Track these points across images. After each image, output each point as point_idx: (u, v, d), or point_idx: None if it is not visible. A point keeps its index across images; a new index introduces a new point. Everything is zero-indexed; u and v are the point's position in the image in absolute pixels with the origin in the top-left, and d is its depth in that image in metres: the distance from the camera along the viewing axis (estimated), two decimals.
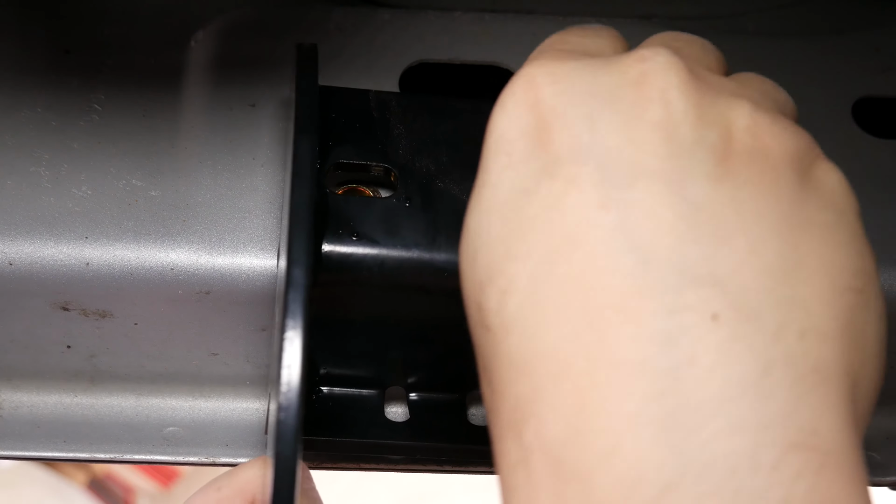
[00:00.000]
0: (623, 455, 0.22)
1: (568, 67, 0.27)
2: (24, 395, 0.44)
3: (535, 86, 0.27)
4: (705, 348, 0.23)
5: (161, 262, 0.40)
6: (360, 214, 0.37)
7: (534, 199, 0.25)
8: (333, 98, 0.40)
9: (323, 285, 0.37)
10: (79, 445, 0.43)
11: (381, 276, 0.37)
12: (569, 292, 0.24)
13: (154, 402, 0.44)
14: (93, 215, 0.41)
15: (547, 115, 0.26)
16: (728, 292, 0.23)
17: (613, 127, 0.25)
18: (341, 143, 0.39)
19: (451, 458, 0.43)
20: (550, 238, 0.25)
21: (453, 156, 0.39)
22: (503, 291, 0.25)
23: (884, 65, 0.49)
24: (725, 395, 0.22)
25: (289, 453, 0.29)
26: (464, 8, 0.49)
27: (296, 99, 0.36)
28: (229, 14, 0.47)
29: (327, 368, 0.41)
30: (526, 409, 0.24)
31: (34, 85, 0.44)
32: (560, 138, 0.26)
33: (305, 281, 0.31)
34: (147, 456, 0.43)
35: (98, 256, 0.40)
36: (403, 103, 0.40)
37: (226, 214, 0.41)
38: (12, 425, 0.43)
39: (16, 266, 0.40)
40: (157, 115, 0.44)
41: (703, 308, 0.23)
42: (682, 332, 0.23)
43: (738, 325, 0.23)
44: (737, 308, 0.23)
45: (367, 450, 0.41)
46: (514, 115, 0.27)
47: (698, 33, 0.50)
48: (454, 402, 0.42)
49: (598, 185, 0.25)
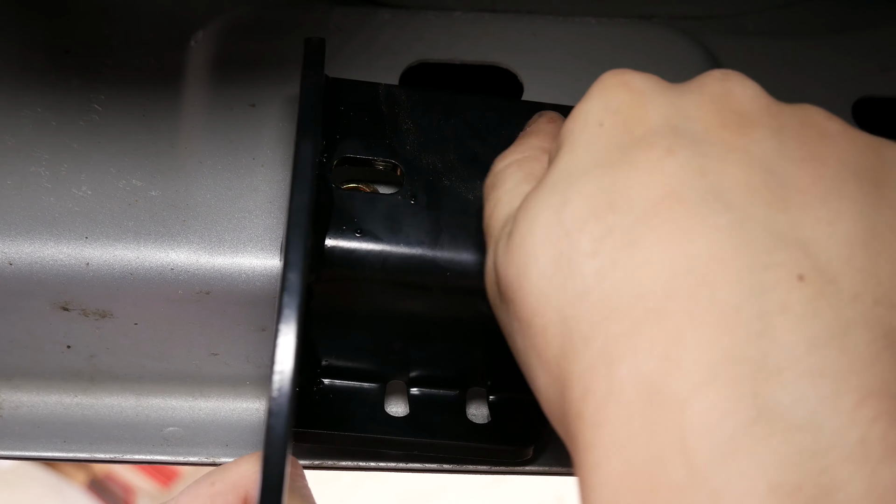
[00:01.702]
0: (717, 387, 0.24)
1: (648, 76, 0.30)
2: (24, 395, 0.44)
3: (625, 75, 0.29)
4: (795, 301, 0.25)
5: (161, 262, 0.40)
6: (365, 211, 0.37)
7: (633, 162, 0.27)
8: (342, 90, 0.40)
9: (326, 280, 0.37)
10: (79, 445, 0.43)
11: (383, 273, 0.37)
12: (670, 240, 0.26)
13: (154, 402, 0.44)
14: (93, 215, 0.41)
15: (639, 99, 0.29)
16: (811, 256, 0.26)
17: (703, 113, 0.28)
18: (349, 137, 0.39)
19: (449, 456, 0.43)
20: (652, 194, 0.27)
21: (461, 153, 0.39)
22: (601, 237, 0.27)
23: (884, 65, 0.49)
24: (811, 342, 0.24)
25: (277, 458, 0.29)
26: (464, 8, 0.49)
27: (301, 98, 0.36)
28: (229, 14, 0.47)
29: (329, 360, 0.41)
30: (621, 344, 0.25)
31: (34, 85, 0.44)
32: (654, 116, 0.28)
33: (301, 285, 0.31)
34: (147, 456, 0.43)
35: (98, 256, 0.40)
36: (413, 98, 0.40)
37: (226, 214, 0.41)
38: (12, 425, 0.43)
39: (16, 266, 0.40)
40: (157, 115, 0.44)
41: (792, 267, 0.25)
42: (774, 285, 0.25)
43: (821, 286, 0.25)
44: (820, 272, 0.25)
45: (366, 444, 0.41)
46: (607, 93, 0.29)
47: (698, 33, 0.50)
48: (454, 399, 0.42)
49: (695, 157, 0.27)
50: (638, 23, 0.49)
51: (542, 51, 0.47)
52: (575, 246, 0.27)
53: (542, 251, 0.28)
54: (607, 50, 0.48)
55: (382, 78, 0.46)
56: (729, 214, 0.26)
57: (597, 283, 0.26)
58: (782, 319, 0.25)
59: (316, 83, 0.36)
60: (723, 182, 0.27)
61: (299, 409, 0.40)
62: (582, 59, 0.47)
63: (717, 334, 0.25)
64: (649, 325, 0.25)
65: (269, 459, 0.29)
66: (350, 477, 1.24)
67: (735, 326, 0.25)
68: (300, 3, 0.48)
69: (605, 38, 0.48)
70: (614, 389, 0.25)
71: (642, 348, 0.25)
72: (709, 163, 0.27)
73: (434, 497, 1.28)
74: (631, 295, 0.26)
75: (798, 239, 0.26)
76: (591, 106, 0.29)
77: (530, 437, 0.42)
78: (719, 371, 0.24)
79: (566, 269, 0.27)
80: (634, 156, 0.27)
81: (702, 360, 0.24)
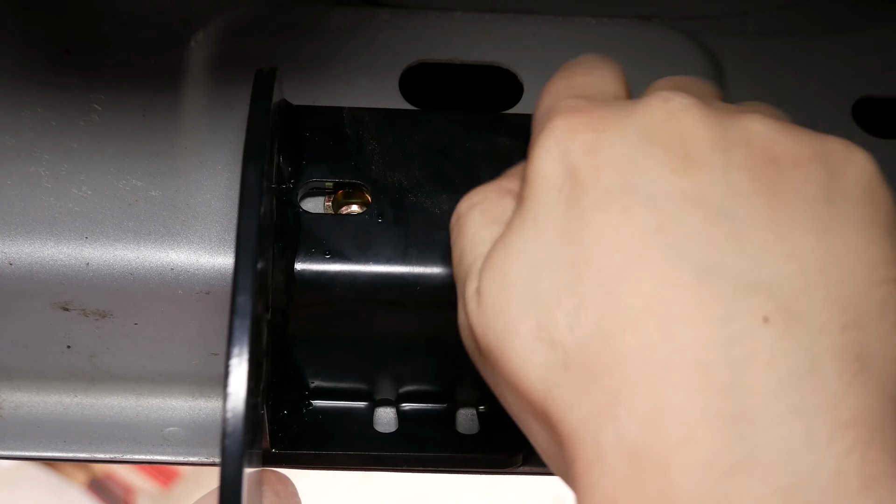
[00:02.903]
0: (696, 443, 0.25)
1: (597, 116, 0.30)
2: (24, 395, 0.44)
3: (573, 131, 0.30)
4: (762, 347, 0.26)
5: (161, 262, 0.40)
6: (333, 232, 0.38)
7: (593, 228, 0.28)
8: (307, 117, 0.41)
9: (301, 305, 0.38)
10: (79, 445, 0.43)
11: (354, 292, 0.37)
12: (641, 305, 0.27)
13: (154, 402, 0.44)
14: (93, 215, 0.41)
15: (590, 158, 0.29)
16: (774, 296, 0.26)
17: (654, 161, 0.28)
18: (314, 162, 0.39)
19: (440, 467, 0.43)
20: (616, 259, 0.27)
21: (425, 168, 0.40)
22: (575, 309, 0.28)
23: (884, 65, 0.49)
24: (781, 385, 0.25)
25: (232, 481, 0.30)
26: (464, 8, 0.49)
27: (247, 126, 0.37)
28: (229, 14, 0.47)
29: (316, 382, 0.41)
30: (603, 413, 0.26)
31: (34, 85, 0.44)
32: (607, 178, 0.29)
33: (251, 307, 0.32)
34: (147, 456, 0.43)
35: (98, 256, 0.40)
36: (377, 118, 0.41)
37: (226, 214, 0.41)
38: (12, 425, 0.43)
39: (16, 266, 0.40)
40: (157, 115, 0.44)
41: (756, 312, 0.26)
42: (741, 334, 0.26)
43: (786, 325, 0.26)
44: (784, 310, 0.26)
45: (355, 462, 0.42)
46: (557, 159, 0.30)
47: (698, 33, 0.50)
48: (443, 412, 0.42)
49: (650, 213, 0.28)
50: (638, 23, 0.49)
51: (542, 51, 0.47)
52: (552, 319, 0.28)
53: (520, 323, 0.29)
54: (607, 50, 0.47)
55: (382, 78, 0.46)
56: (690, 270, 0.27)
57: (577, 353, 0.27)
58: (751, 367, 0.25)
59: (262, 110, 0.37)
60: (680, 234, 0.27)
61: (288, 432, 0.41)
62: None
63: (691, 394, 0.25)
64: (628, 392, 0.26)
65: (226, 487, 0.30)
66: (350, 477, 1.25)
67: (707, 383, 0.25)
68: (300, 3, 0.48)
69: (605, 38, 0.48)
70: (599, 456, 0.26)
71: (622, 415, 0.26)
72: (664, 216, 0.27)
73: (434, 497, 1.28)
74: (609, 364, 0.27)
75: (760, 281, 0.26)
76: (547, 168, 0.30)
77: (519, 445, 0.42)
78: (697, 429, 0.25)
79: (547, 342, 0.28)
80: (594, 221, 0.28)
81: (680, 421, 0.25)
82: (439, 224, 0.38)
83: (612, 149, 0.29)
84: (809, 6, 0.52)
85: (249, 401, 0.31)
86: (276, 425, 0.41)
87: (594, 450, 0.26)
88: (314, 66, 0.46)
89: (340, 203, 0.40)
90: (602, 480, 0.26)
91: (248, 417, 0.31)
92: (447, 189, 0.39)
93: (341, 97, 0.45)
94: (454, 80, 0.49)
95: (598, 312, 0.27)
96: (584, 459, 0.27)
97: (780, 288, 0.26)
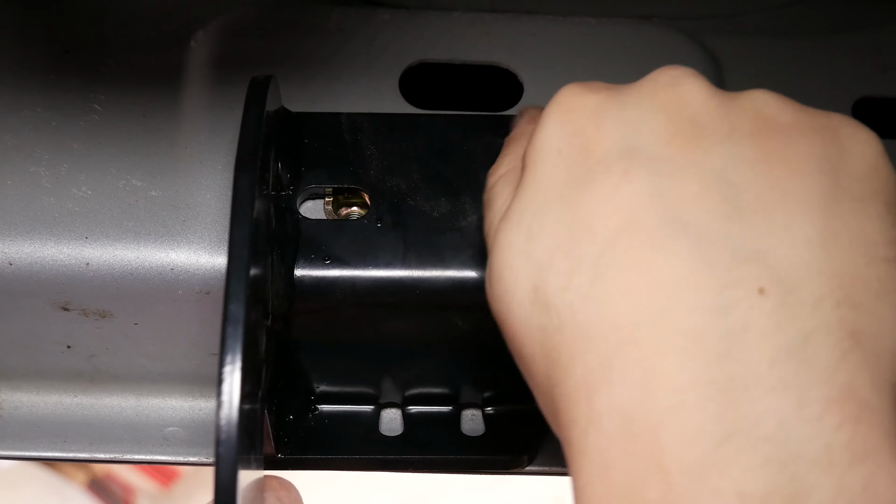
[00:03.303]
0: (687, 411, 0.25)
1: (602, 86, 0.30)
2: (24, 395, 0.44)
3: (579, 97, 0.30)
4: (756, 318, 0.25)
5: (161, 262, 0.40)
6: (333, 238, 0.38)
7: (591, 190, 0.28)
8: (305, 123, 0.41)
9: (302, 311, 0.38)
10: (79, 445, 0.43)
11: (354, 297, 0.37)
12: (633, 271, 0.26)
13: (154, 402, 0.44)
14: (93, 215, 0.41)
15: (593, 120, 0.29)
16: (770, 267, 0.26)
17: (655, 126, 0.28)
18: (313, 168, 0.40)
19: (444, 470, 0.43)
20: (612, 223, 0.27)
21: (424, 172, 0.40)
22: (569, 272, 0.27)
23: (884, 65, 0.49)
24: (773, 357, 0.25)
25: (225, 488, 0.30)
26: (464, 8, 0.49)
27: (240, 133, 0.37)
28: (229, 14, 0.47)
29: (322, 387, 0.41)
30: (597, 376, 0.26)
31: (34, 85, 0.44)
32: (609, 139, 0.29)
33: (243, 315, 0.32)
34: (147, 456, 0.43)
35: (98, 256, 0.40)
36: (375, 123, 0.41)
37: (226, 214, 0.41)
38: (12, 425, 0.43)
39: (16, 266, 0.40)
40: (157, 115, 0.44)
41: (751, 282, 0.26)
42: (735, 304, 0.26)
43: (781, 297, 0.26)
44: (780, 282, 0.26)
45: (361, 465, 0.42)
46: (564, 116, 0.30)
47: (698, 33, 0.50)
48: (448, 414, 0.42)
49: (650, 177, 0.27)
50: (638, 23, 0.49)
51: (542, 51, 0.47)
52: (547, 281, 0.28)
53: (518, 287, 0.29)
54: (607, 50, 0.48)
55: (382, 78, 0.46)
56: (687, 236, 0.26)
57: (571, 316, 0.27)
58: (745, 338, 0.25)
59: (255, 118, 0.37)
60: (679, 201, 0.27)
61: (294, 436, 0.41)
62: (582, 59, 0.47)
63: (684, 360, 0.25)
64: (621, 356, 0.26)
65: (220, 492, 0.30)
66: (350, 477, 1.25)
67: (700, 351, 0.25)
68: (300, 3, 0.48)
69: (605, 38, 0.48)
70: (594, 419, 0.26)
71: (616, 379, 0.26)
72: (664, 181, 0.27)
73: (434, 497, 1.28)
74: (602, 327, 0.27)
75: (757, 251, 0.26)
76: (550, 132, 0.30)
77: (525, 447, 0.42)
78: (688, 395, 0.25)
79: (542, 304, 0.28)
80: (592, 184, 0.28)
81: (671, 387, 0.25)
82: (438, 227, 0.38)
83: (616, 111, 0.29)
84: (809, 6, 0.52)
85: (244, 408, 0.31)
86: (283, 430, 0.41)
87: (588, 413, 0.26)
88: (314, 66, 0.46)
89: (340, 203, 0.40)
90: (596, 444, 0.26)
91: (242, 424, 0.31)
92: (446, 192, 0.39)
93: (341, 97, 0.45)
94: (454, 81, 0.49)
95: (591, 276, 0.27)
96: (579, 422, 0.27)
97: (777, 259, 0.26)
